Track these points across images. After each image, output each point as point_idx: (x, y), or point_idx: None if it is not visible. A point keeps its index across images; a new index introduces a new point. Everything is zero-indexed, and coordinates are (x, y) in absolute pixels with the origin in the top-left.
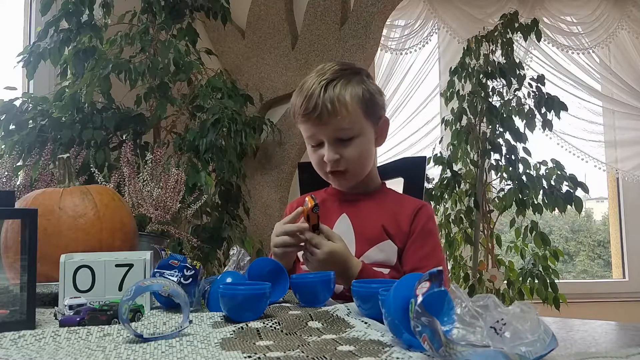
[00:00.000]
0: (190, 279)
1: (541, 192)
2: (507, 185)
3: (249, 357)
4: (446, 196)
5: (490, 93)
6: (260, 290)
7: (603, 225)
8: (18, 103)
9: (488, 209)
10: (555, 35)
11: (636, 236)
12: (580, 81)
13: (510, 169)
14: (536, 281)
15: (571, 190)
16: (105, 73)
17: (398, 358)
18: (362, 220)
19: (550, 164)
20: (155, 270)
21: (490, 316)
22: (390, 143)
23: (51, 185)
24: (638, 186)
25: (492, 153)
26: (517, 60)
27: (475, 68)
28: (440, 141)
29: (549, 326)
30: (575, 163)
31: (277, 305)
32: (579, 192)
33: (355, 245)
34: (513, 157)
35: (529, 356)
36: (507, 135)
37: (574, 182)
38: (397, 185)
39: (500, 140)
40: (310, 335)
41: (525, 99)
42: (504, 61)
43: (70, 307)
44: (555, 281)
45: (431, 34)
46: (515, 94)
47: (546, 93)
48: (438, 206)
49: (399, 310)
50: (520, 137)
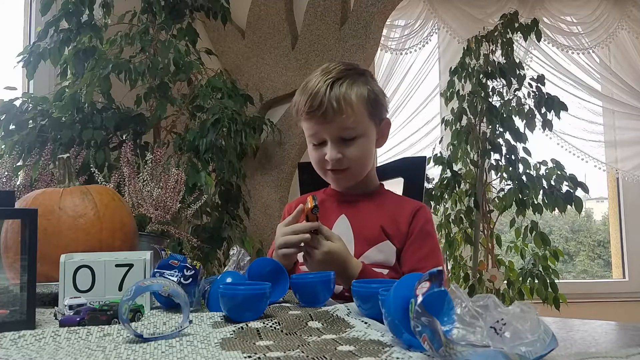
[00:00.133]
0: (190, 279)
1: (541, 192)
2: (507, 185)
3: (249, 357)
4: (446, 196)
5: (490, 93)
6: (260, 290)
7: (603, 225)
8: (18, 103)
9: (488, 209)
10: (555, 35)
11: (636, 236)
12: (580, 81)
13: (510, 169)
14: (536, 281)
15: (571, 190)
16: (105, 73)
17: (398, 358)
18: (361, 221)
19: (550, 164)
20: (155, 270)
21: (490, 316)
22: (390, 143)
23: (51, 185)
24: (638, 186)
25: (492, 153)
26: (517, 60)
27: (475, 68)
28: (440, 141)
29: (549, 326)
30: (575, 163)
31: (277, 305)
32: (579, 192)
33: (354, 246)
34: (513, 157)
35: (529, 356)
36: (507, 135)
37: (574, 182)
38: (397, 185)
39: (500, 140)
40: (310, 335)
41: (525, 99)
42: (504, 61)
43: (70, 307)
44: (555, 281)
45: (431, 34)
46: (515, 94)
47: (546, 93)
48: (438, 206)
49: (399, 310)
50: (520, 137)
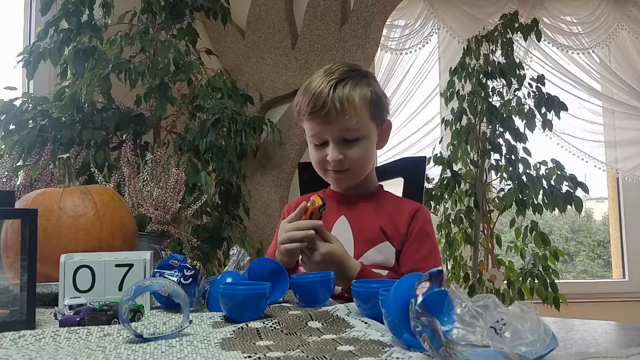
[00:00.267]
0: (190, 279)
1: (541, 192)
2: (507, 185)
3: (249, 357)
4: (446, 196)
5: (490, 93)
6: (260, 290)
7: (603, 225)
8: (18, 103)
9: (488, 209)
10: (555, 35)
11: (636, 236)
12: (580, 81)
13: (510, 169)
14: (536, 281)
15: (571, 190)
16: (105, 73)
17: (398, 358)
18: (361, 221)
19: (550, 164)
20: (155, 270)
21: (490, 316)
22: (390, 143)
23: (51, 185)
24: (638, 186)
25: (492, 153)
26: (517, 60)
27: (475, 68)
28: (440, 141)
29: (549, 326)
30: (575, 163)
31: (277, 305)
32: (579, 192)
33: (354, 247)
34: (513, 157)
35: (529, 356)
36: (507, 135)
37: (574, 182)
38: (397, 185)
39: (500, 140)
40: (310, 335)
41: (525, 99)
42: (504, 61)
43: (70, 307)
44: (555, 281)
45: (431, 34)
46: (515, 94)
47: (546, 93)
48: (438, 206)
49: (399, 310)
50: (520, 137)
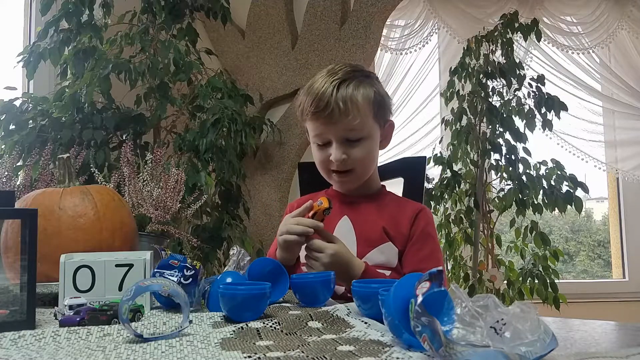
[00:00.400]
0: (190, 279)
1: (541, 192)
2: (507, 185)
3: (249, 357)
4: (446, 196)
5: (490, 93)
6: (260, 290)
7: (603, 225)
8: (18, 103)
9: (488, 209)
10: (555, 35)
11: (636, 236)
12: (580, 81)
13: (510, 169)
14: (536, 281)
15: (571, 190)
16: (105, 73)
17: (398, 358)
18: (363, 222)
19: (550, 164)
20: (155, 270)
21: (490, 316)
22: (390, 143)
23: (51, 185)
24: (638, 186)
25: (492, 153)
26: (517, 60)
27: (475, 68)
28: (440, 141)
29: (549, 326)
30: (575, 163)
31: (277, 305)
32: (579, 192)
33: (357, 247)
34: (513, 157)
35: (529, 356)
36: (507, 135)
37: (574, 182)
38: (397, 185)
39: (500, 140)
40: (310, 335)
41: (525, 99)
42: (504, 61)
43: (70, 307)
44: (555, 281)
45: (431, 34)
46: (515, 94)
47: (546, 93)
48: (438, 206)
49: (399, 310)
50: (520, 137)
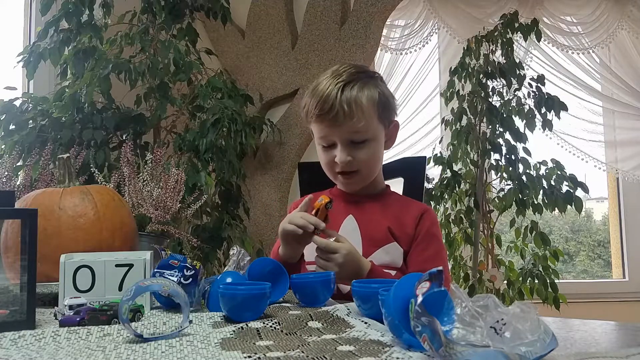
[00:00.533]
0: (190, 279)
1: (541, 192)
2: (507, 185)
3: (249, 357)
4: (446, 196)
5: (490, 93)
6: (260, 290)
7: (603, 225)
8: (18, 103)
9: (488, 209)
10: (555, 35)
11: (636, 236)
12: (580, 81)
13: (510, 169)
14: (536, 281)
15: (571, 190)
16: (105, 73)
17: (398, 358)
18: (368, 222)
19: (550, 164)
20: (155, 270)
21: (490, 316)
22: None
23: (51, 185)
24: (638, 186)
25: (492, 153)
26: (517, 60)
27: (475, 68)
28: (440, 141)
29: (549, 326)
30: (575, 163)
31: (277, 305)
32: (579, 192)
33: (362, 247)
34: (513, 157)
35: (529, 356)
36: (507, 135)
37: (574, 182)
38: (397, 185)
39: (500, 140)
40: (310, 335)
41: (525, 99)
42: (504, 61)
43: (70, 307)
44: (555, 281)
45: (431, 34)
46: (515, 94)
47: (546, 93)
48: (438, 206)
49: (399, 310)
50: (520, 137)
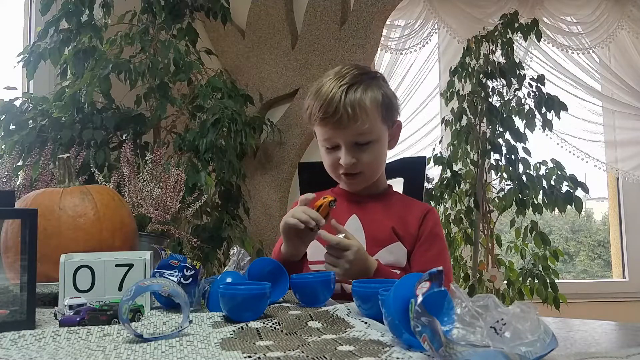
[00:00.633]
0: (190, 279)
1: (541, 192)
2: (507, 185)
3: (249, 357)
4: (446, 196)
5: (490, 93)
6: (260, 290)
7: (603, 225)
8: (18, 103)
9: (488, 209)
10: (555, 35)
11: (636, 236)
12: (580, 81)
13: (510, 169)
14: (536, 281)
15: (571, 190)
16: (105, 73)
17: (398, 358)
18: (372, 221)
19: (550, 164)
20: (155, 270)
21: (490, 316)
22: None
23: (51, 185)
24: (638, 186)
25: (492, 153)
26: (517, 60)
27: (475, 68)
28: (440, 141)
29: (549, 326)
30: (575, 163)
31: (277, 305)
32: (579, 192)
33: (366, 247)
34: (513, 157)
35: (529, 356)
36: (507, 135)
37: (574, 182)
38: (397, 185)
39: (500, 140)
40: (310, 335)
41: (525, 99)
42: (504, 61)
43: (70, 307)
44: (555, 281)
45: (431, 34)
46: (515, 94)
47: (546, 93)
48: (438, 206)
49: (399, 310)
50: (520, 137)
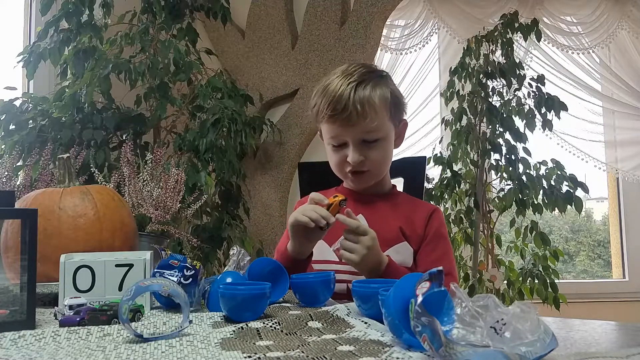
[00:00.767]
0: (190, 279)
1: (541, 192)
2: (507, 185)
3: (249, 357)
4: (446, 196)
5: (490, 93)
6: (260, 290)
7: (603, 225)
8: (18, 103)
9: (488, 209)
10: (555, 35)
11: (636, 236)
12: (580, 81)
13: (510, 169)
14: (536, 281)
15: (571, 190)
16: (105, 73)
17: (398, 358)
18: (379, 221)
19: (550, 164)
20: (155, 270)
21: (490, 316)
22: None
23: (51, 185)
24: (638, 186)
25: (492, 153)
26: (517, 60)
27: (475, 68)
28: (440, 141)
29: (549, 326)
30: (575, 163)
31: (277, 305)
32: (579, 192)
33: None
34: (513, 157)
35: (529, 356)
36: (507, 135)
37: (574, 182)
38: (397, 185)
39: (500, 140)
40: (310, 335)
41: (525, 99)
42: (504, 61)
43: (70, 307)
44: (555, 281)
45: (431, 34)
46: (515, 94)
47: (546, 93)
48: (438, 206)
49: (399, 310)
50: (520, 137)
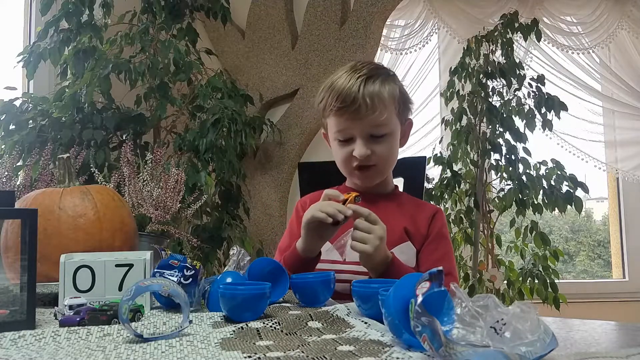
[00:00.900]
0: (190, 279)
1: (541, 192)
2: (507, 185)
3: (249, 357)
4: (446, 196)
5: (490, 93)
6: (260, 290)
7: (603, 225)
8: (18, 103)
9: (488, 209)
10: (555, 35)
11: (636, 236)
12: (580, 81)
13: (510, 169)
14: (536, 281)
15: (571, 190)
16: (105, 73)
17: (398, 358)
18: (384, 220)
19: (550, 164)
20: (155, 270)
21: (490, 316)
22: None
23: (51, 185)
24: (638, 186)
25: (492, 153)
26: (517, 60)
27: (475, 68)
28: (440, 141)
29: (549, 326)
30: (575, 163)
31: (277, 305)
32: (579, 192)
33: None
34: (513, 157)
35: (529, 356)
36: (507, 135)
37: (574, 182)
38: (397, 185)
39: (500, 140)
40: (310, 335)
41: (525, 99)
42: (504, 61)
43: (70, 307)
44: (555, 281)
45: (431, 34)
46: (515, 94)
47: (546, 93)
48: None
49: (399, 310)
50: (520, 137)
